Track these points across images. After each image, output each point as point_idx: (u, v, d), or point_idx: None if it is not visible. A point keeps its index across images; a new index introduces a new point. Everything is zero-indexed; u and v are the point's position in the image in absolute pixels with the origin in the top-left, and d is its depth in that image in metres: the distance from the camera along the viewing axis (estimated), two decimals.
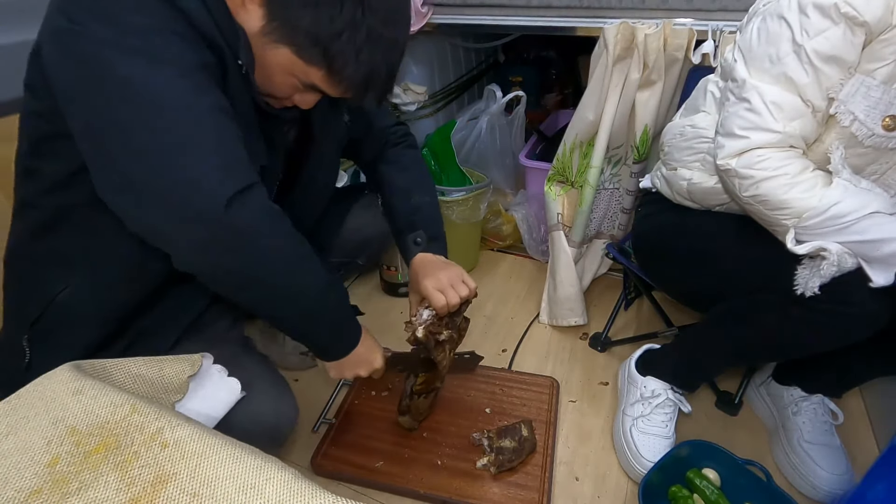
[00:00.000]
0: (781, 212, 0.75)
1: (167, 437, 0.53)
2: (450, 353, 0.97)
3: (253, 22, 0.65)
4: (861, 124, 0.74)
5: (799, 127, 0.75)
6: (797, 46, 0.73)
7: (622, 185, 1.34)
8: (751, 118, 0.77)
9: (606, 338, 1.32)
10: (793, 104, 0.75)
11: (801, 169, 0.74)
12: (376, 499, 0.98)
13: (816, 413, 1.00)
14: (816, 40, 0.72)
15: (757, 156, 0.76)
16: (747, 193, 0.77)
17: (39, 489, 0.48)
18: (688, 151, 0.92)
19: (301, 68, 0.67)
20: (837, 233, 0.71)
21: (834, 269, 0.71)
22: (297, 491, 0.48)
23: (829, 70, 0.72)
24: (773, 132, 0.75)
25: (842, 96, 0.73)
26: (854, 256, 0.71)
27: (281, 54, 0.66)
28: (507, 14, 1.34)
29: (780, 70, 0.75)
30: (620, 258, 1.19)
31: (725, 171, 0.79)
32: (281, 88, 0.71)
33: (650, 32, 1.08)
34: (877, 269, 0.71)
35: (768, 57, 0.77)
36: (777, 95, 0.75)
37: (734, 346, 0.92)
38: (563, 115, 1.96)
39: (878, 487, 0.72)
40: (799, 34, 0.73)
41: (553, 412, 1.13)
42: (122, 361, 0.63)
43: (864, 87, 0.72)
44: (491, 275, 1.63)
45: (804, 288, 0.74)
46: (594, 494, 0.98)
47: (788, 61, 0.74)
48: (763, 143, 0.76)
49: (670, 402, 1.03)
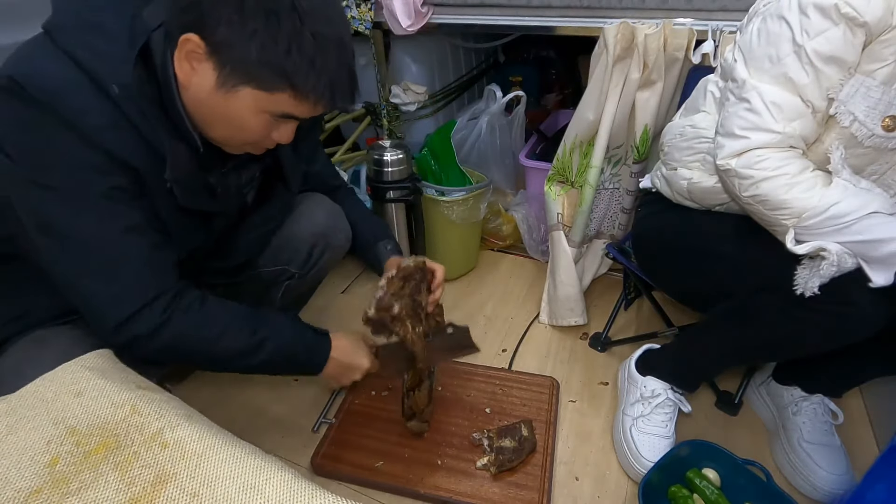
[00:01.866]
0: (781, 212, 0.75)
1: (167, 437, 0.53)
2: (414, 330, 0.94)
3: (207, 79, 0.66)
4: (861, 125, 0.74)
5: (799, 127, 0.75)
6: (797, 47, 0.73)
7: (622, 185, 1.34)
8: (751, 118, 0.77)
9: (606, 338, 1.32)
10: (793, 104, 0.75)
11: (800, 169, 0.74)
12: (376, 499, 0.98)
13: (816, 413, 1.00)
14: (817, 41, 0.72)
15: (756, 156, 0.76)
16: (747, 193, 0.77)
17: (39, 489, 0.48)
18: (688, 151, 0.92)
19: (267, 100, 0.68)
20: (837, 233, 0.71)
21: (834, 269, 0.71)
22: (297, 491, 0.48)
23: (829, 70, 0.72)
24: (772, 132, 0.75)
25: (842, 97, 0.73)
26: (854, 256, 0.71)
27: (244, 96, 0.67)
28: (507, 14, 1.34)
29: (780, 70, 0.75)
30: (620, 258, 1.19)
31: (725, 171, 0.79)
32: (256, 131, 0.72)
33: (650, 32, 1.08)
34: (876, 269, 0.70)
35: (768, 57, 0.77)
36: (777, 96, 0.75)
37: (734, 346, 0.92)
38: (563, 115, 1.96)
39: (878, 487, 0.72)
40: (799, 34, 0.73)
41: (553, 412, 1.13)
42: None
43: (864, 88, 0.72)
44: (491, 275, 1.63)
45: (804, 288, 0.74)
46: (594, 494, 0.98)
47: (788, 62, 0.74)
48: (763, 144, 0.76)
49: (670, 401, 1.03)
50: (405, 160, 1.40)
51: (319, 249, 1.07)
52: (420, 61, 1.71)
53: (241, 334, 0.78)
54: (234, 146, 0.77)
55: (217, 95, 0.67)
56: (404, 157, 1.39)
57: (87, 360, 0.66)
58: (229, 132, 0.72)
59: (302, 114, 0.71)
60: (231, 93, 0.67)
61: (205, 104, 0.69)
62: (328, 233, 1.06)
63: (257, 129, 0.72)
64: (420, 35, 1.46)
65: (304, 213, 1.05)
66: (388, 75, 1.66)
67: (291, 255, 1.06)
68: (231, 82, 0.66)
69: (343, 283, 1.60)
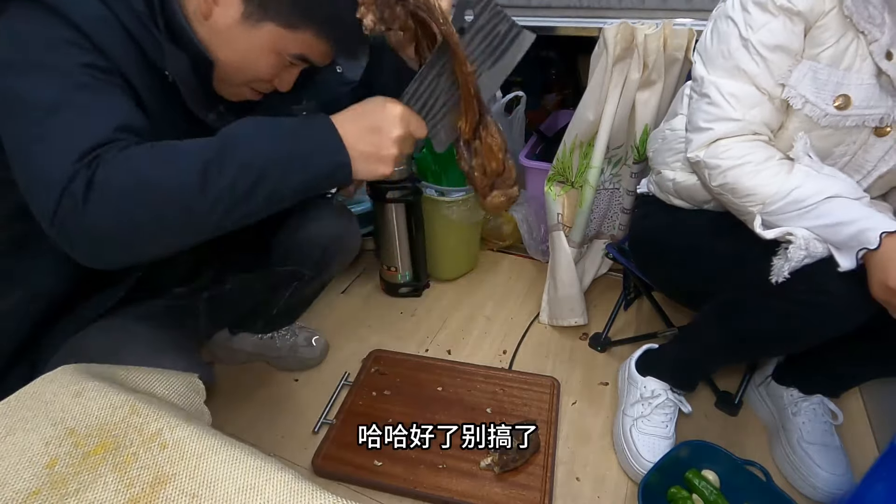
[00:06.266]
0: (748, 199, 0.78)
1: (166, 437, 0.53)
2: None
3: (230, 13, 0.66)
4: (813, 105, 0.78)
5: (759, 114, 0.80)
6: (744, 41, 0.79)
7: (622, 186, 1.34)
8: (712, 111, 0.82)
9: (606, 338, 1.32)
10: (748, 93, 0.80)
11: (765, 157, 0.78)
12: (376, 499, 0.98)
13: (816, 413, 1.00)
14: (760, 33, 0.78)
15: (723, 146, 0.81)
16: (716, 183, 0.82)
17: (38, 490, 0.48)
18: (669, 153, 0.96)
19: (287, 39, 0.68)
20: (800, 217, 0.74)
21: (802, 253, 0.72)
22: (297, 491, 0.48)
23: (777, 58, 0.78)
24: (733, 121, 0.80)
25: (791, 81, 0.78)
26: (823, 243, 0.72)
27: (265, 33, 0.67)
28: None
29: (732, 63, 0.81)
30: (620, 258, 1.19)
31: (696, 164, 0.84)
32: (265, 70, 0.71)
33: (650, 32, 1.08)
34: (842, 253, 0.71)
35: (721, 54, 0.82)
36: (733, 87, 0.81)
37: (725, 343, 0.93)
38: (563, 115, 1.96)
39: (878, 488, 0.72)
40: (744, 29, 0.79)
41: (554, 412, 1.12)
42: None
43: (812, 71, 0.77)
44: (491, 275, 1.63)
45: (776, 275, 0.75)
46: (594, 494, 0.98)
47: (739, 55, 0.80)
48: (726, 133, 0.81)
49: (670, 402, 1.03)
50: (405, 160, 1.40)
51: (331, 252, 1.07)
52: None
53: (193, 155, 0.55)
54: (233, 84, 0.74)
55: (238, 28, 0.67)
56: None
57: None
58: (239, 66, 0.71)
59: (316, 57, 0.71)
60: (253, 28, 0.67)
61: (222, 35, 0.68)
62: (341, 237, 1.08)
63: (266, 69, 0.71)
64: None
65: (317, 217, 1.05)
66: None
67: (304, 257, 1.06)
68: (256, 17, 0.66)
69: (343, 283, 1.60)
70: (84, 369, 0.61)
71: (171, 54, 0.66)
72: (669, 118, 1.00)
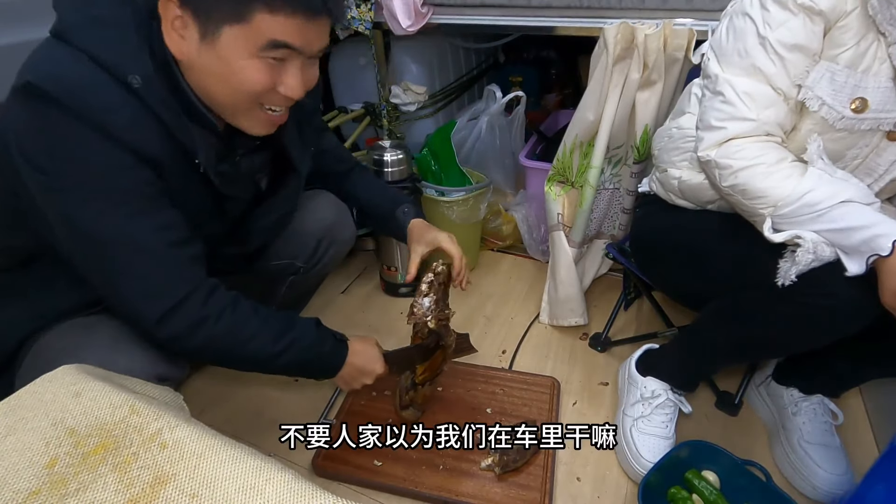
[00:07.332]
0: (759, 201, 0.76)
1: (166, 437, 0.53)
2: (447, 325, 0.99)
3: (194, 39, 0.66)
4: (830, 108, 0.76)
5: (773, 115, 0.78)
6: (762, 39, 0.77)
7: (622, 186, 1.34)
8: (726, 109, 0.80)
9: (606, 338, 1.32)
10: (764, 93, 0.78)
11: (778, 159, 0.76)
12: (376, 499, 0.98)
13: (816, 413, 1.00)
14: (779, 31, 0.76)
15: (735, 146, 0.79)
16: (726, 183, 0.80)
17: (38, 490, 0.48)
18: (676, 152, 0.95)
19: (249, 33, 0.64)
20: (811, 221, 0.72)
21: (810, 257, 0.71)
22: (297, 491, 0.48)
23: (794, 58, 0.76)
24: (747, 120, 0.78)
25: (808, 82, 0.77)
26: (832, 246, 0.71)
27: (227, 39, 0.64)
28: (507, 14, 1.34)
29: (748, 62, 0.79)
30: (620, 258, 1.19)
31: (706, 163, 0.82)
32: (256, 79, 0.68)
33: (650, 32, 1.08)
34: (851, 258, 0.70)
35: (737, 51, 0.80)
36: (749, 86, 0.79)
37: (727, 344, 0.92)
38: (563, 115, 1.96)
39: (878, 488, 0.72)
40: (762, 27, 0.77)
41: (554, 412, 1.12)
42: None
43: (829, 73, 0.75)
44: (491, 275, 1.63)
45: (783, 278, 0.74)
46: (594, 495, 0.98)
47: (756, 53, 0.78)
48: (739, 133, 0.79)
49: (670, 402, 1.03)
50: (405, 160, 1.40)
51: (326, 243, 1.08)
52: (420, 61, 1.71)
53: (269, 338, 0.78)
54: (242, 110, 0.72)
55: (205, 52, 0.65)
56: (404, 158, 1.39)
57: None
58: (231, 89, 0.69)
59: (291, 36, 0.66)
60: (216, 39, 0.64)
61: (202, 70, 0.67)
62: (334, 227, 1.08)
63: (255, 75, 0.67)
64: (420, 35, 1.46)
65: (311, 209, 1.06)
66: (388, 75, 1.66)
67: (298, 249, 1.07)
68: (211, 27, 0.64)
69: (343, 283, 1.60)
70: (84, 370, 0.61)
71: (198, 135, 0.71)
72: (676, 116, 0.98)
